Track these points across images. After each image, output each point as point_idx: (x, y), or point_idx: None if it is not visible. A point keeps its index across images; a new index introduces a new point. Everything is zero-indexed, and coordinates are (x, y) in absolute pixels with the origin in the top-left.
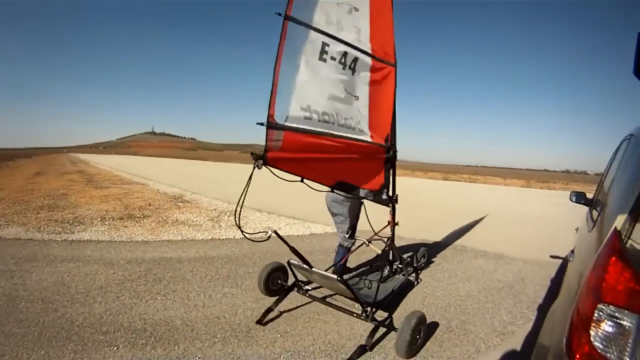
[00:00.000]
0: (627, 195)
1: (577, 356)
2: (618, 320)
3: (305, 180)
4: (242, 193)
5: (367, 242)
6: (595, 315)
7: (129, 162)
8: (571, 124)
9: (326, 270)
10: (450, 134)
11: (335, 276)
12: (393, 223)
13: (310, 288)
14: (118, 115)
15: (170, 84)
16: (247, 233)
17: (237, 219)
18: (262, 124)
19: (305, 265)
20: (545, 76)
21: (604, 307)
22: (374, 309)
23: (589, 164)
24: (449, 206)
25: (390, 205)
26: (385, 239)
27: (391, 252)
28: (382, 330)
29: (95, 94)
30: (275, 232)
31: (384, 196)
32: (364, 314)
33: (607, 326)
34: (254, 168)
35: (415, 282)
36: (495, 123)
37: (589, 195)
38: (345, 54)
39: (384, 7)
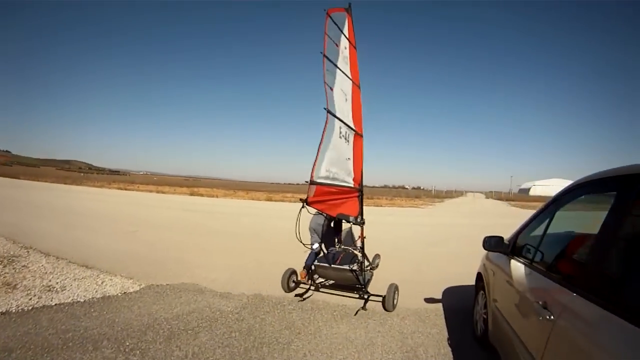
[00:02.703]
0: None
1: None
2: None
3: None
4: (297, 223)
5: (349, 249)
6: None
7: None
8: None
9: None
10: (269, 151)
11: (347, 267)
12: (362, 237)
13: (322, 281)
14: None
15: None
16: (305, 245)
17: (298, 235)
18: (307, 182)
19: (325, 264)
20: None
21: None
22: (364, 288)
23: (404, 179)
24: (264, 236)
25: (361, 225)
26: (359, 247)
27: (361, 255)
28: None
29: None
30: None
31: (359, 219)
32: (361, 292)
33: None
34: (301, 208)
35: (371, 277)
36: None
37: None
38: (346, 132)
39: (357, 95)
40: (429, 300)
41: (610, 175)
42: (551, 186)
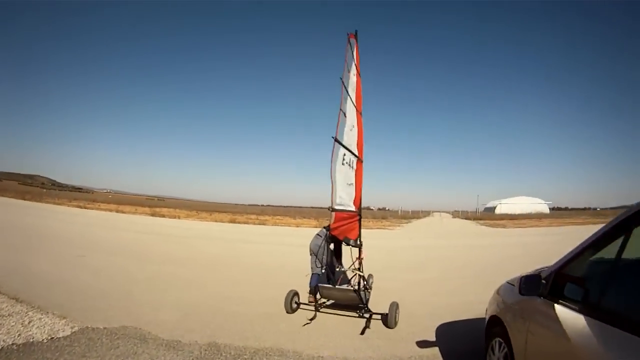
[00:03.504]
0: None
1: None
2: None
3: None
4: (322, 249)
5: (348, 269)
6: None
7: None
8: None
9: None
10: (235, 171)
11: (351, 288)
12: (360, 258)
13: (325, 301)
14: None
15: None
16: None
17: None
18: (329, 209)
19: (329, 285)
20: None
21: None
22: (366, 307)
23: (369, 200)
24: (239, 262)
25: (359, 247)
26: (357, 268)
27: (360, 276)
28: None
29: None
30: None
31: (358, 242)
32: (363, 311)
33: None
34: (326, 235)
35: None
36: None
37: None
38: (350, 159)
39: (360, 122)
40: (423, 344)
41: None
42: (517, 204)
